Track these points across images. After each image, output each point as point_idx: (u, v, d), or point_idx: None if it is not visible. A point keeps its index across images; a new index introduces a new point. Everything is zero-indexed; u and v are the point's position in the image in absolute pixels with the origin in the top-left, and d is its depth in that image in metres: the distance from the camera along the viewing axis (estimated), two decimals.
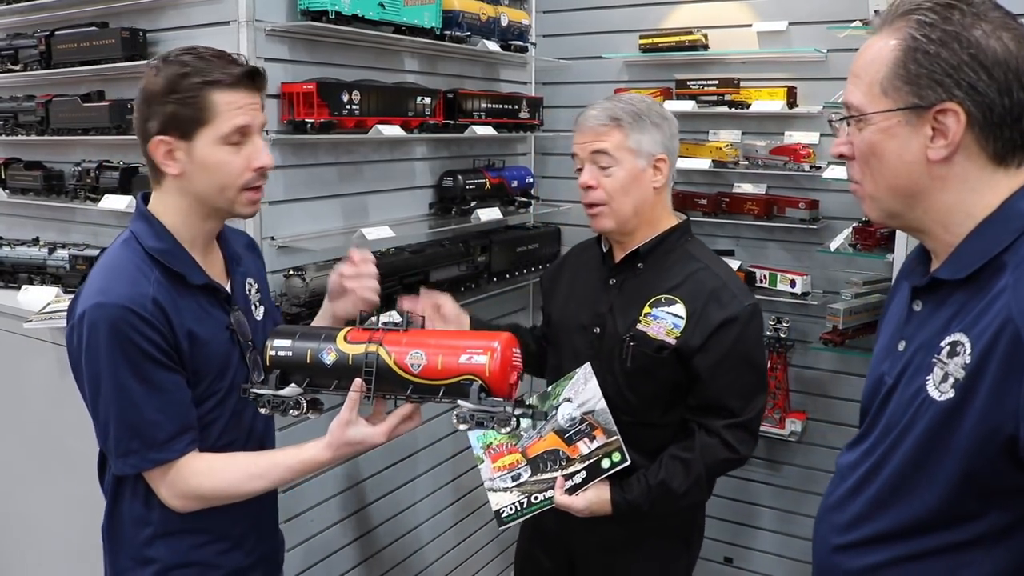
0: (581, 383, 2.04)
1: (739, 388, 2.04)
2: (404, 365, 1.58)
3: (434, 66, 3.03)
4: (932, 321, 1.30)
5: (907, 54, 1.22)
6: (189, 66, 1.57)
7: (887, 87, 1.24)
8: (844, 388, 3.28)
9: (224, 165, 1.61)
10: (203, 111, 1.57)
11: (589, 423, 2.01)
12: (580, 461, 2.01)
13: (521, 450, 2.09)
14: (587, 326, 2.15)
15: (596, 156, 2.06)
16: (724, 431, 2.02)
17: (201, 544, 1.72)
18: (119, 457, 1.59)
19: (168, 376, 1.59)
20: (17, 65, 2.84)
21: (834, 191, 3.18)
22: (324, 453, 1.64)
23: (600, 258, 2.22)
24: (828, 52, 3.13)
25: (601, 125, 2.06)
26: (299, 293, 2.35)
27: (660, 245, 2.12)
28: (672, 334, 2.03)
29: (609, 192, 2.06)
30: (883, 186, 1.30)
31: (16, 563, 2.87)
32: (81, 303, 1.58)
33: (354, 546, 2.86)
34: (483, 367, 1.55)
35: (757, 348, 2.10)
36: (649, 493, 2.01)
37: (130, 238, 1.65)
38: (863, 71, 1.28)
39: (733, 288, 2.07)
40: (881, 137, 1.27)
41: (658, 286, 2.08)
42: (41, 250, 2.75)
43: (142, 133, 1.61)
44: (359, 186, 2.75)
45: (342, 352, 1.62)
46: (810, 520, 3.28)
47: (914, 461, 1.27)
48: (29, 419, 2.62)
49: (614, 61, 3.59)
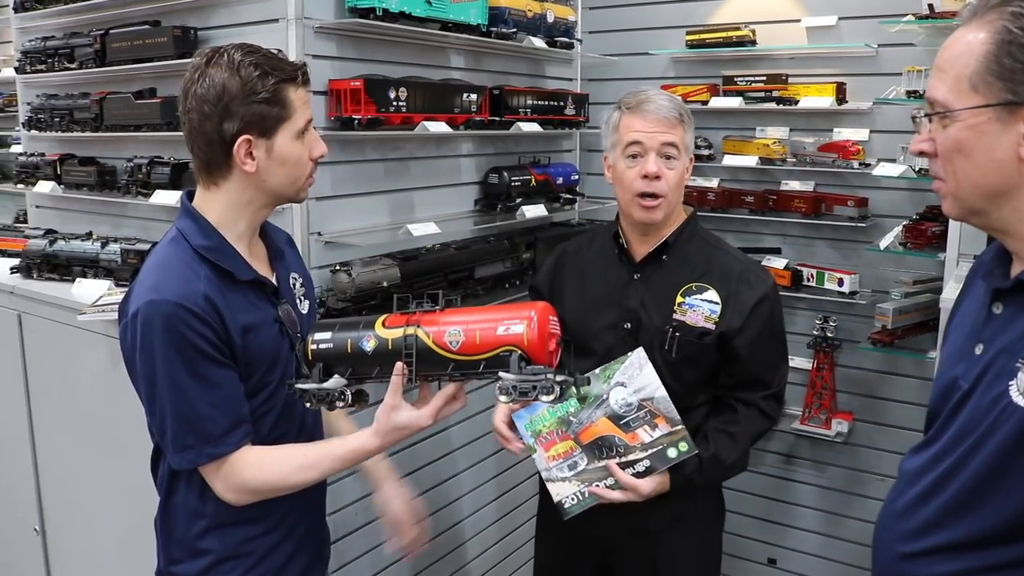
0: (635, 368, 2.01)
1: (770, 361, 2.14)
2: (443, 343, 1.57)
3: (480, 63, 3.03)
4: (1016, 324, 1.25)
5: (1001, 48, 1.17)
6: (262, 66, 1.59)
7: (977, 82, 1.19)
8: (893, 389, 3.23)
9: (299, 158, 1.67)
10: (285, 108, 1.62)
11: (649, 411, 1.99)
12: (642, 449, 2.00)
13: (573, 437, 2.06)
14: (616, 323, 2.14)
15: (666, 148, 2.06)
16: (761, 402, 2.11)
17: (254, 536, 1.74)
18: (176, 452, 1.60)
19: (221, 371, 1.60)
20: (73, 63, 2.90)
21: (883, 188, 3.13)
22: (372, 441, 1.64)
23: (616, 255, 2.21)
24: (879, 47, 3.08)
25: (674, 117, 2.06)
26: (345, 288, 2.37)
27: (680, 236, 2.15)
28: (711, 320, 2.07)
29: (670, 185, 2.07)
30: (969, 184, 1.25)
31: (70, 552, 2.93)
32: (134, 301, 1.59)
33: None
34: (521, 336, 1.54)
35: (782, 322, 2.20)
36: (701, 466, 2.04)
37: (178, 236, 1.66)
38: (949, 65, 1.23)
39: (754, 268, 2.16)
40: (969, 134, 1.22)
41: (685, 275, 2.11)
42: (94, 244, 2.80)
43: (213, 135, 1.60)
44: (405, 182, 2.77)
45: (381, 338, 1.62)
46: (856, 522, 3.32)
47: (994, 468, 1.23)
48: (83, 410, 2.67)
49: (660, 57, 3.56)
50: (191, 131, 1.63)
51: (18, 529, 3.04)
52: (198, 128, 1.61)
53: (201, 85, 1.59)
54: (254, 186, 1.65)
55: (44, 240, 2.89)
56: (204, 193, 1.69)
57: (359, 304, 2.42)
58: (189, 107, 1.61)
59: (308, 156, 1.69)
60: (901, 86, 2.91)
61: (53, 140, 3.18)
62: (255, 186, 1.65)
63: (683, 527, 2.19)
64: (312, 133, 1.70)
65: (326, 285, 2.43)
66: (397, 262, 2.53)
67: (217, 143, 1.60)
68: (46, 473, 2.92)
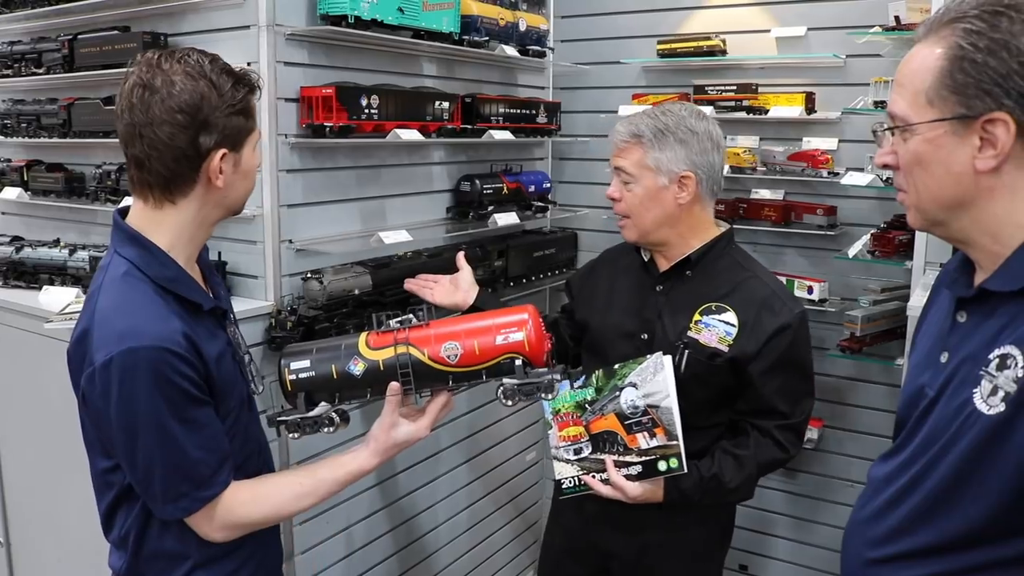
0: (650, 372, 2.02)
1: (790, 392, 2.09)
2: (440, 358, 1.58)
3: (452, 71, 3.04)
4: (979, 333, 1.26)
5: (953, 63, 1.19)
6: (233, 74, 1.52)
7: (933, 97, 1.22)
8: (861, 396, 3.26)
9: (254, 169, 1.62)
10: (251, 119, 1.57)
11: (652, 418, 2.01)
12: (637, 454, 2.03)
13: (585, 424, 2.10)
14: (634, 333, 2.16)
15: (618, 173, 2.12)
16: (776, 431, 2.08)
17: (238, 567, 1.69)
18: (169, 502, 1.52)
19: (203, 411, 1.53)
20: (40, 68, 2.87)
21: (852, 197, 3.17)
22: (371, 460, 1.63)
23: (641, 265, 2.23)
24: (847, 58, 3.12)
25: (623, 141, 2.09)
26: (317, 296, 2.36)
27: (708, 253, 2.14)
28: (724, 342, 2.05)
29: (629, 206, 2.10)
30: (928, 196, 1.28)
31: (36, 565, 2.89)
32: (101, 348, 1.45)
33: (373, 546, 2.88)
34: (522, 343, 1.59)
35: (807, 353, 2.15)
36: (701, 484, 2.04)
37: (131, 269, 1.52)
38: (908, 80, 1.26)
39: (782, 295, 2.11)
40: (927, 147, 1.24)
41: (707, 294, 2.10)
42: (62, 251, 2.77)
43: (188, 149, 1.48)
44: (377, 190, 2.76)
45: (370, 360, 1.61)
46: (826, 528, 3.35)
47: (959, 475, 1.24)
48: (49, 420, 2.63)
49: (632, 66, 3.58)
50: (154, 146, 1.47)
51: None
52: (167, 141, 1.46)
53: (167, 93, 1.45)
54: (214, 202, 1.57)
55: (10, 247, 2.86)
56: (152, 213, 1.55)
57: (330, 312, 2.41)
58: (151, 119, 1.46)
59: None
60: (868, 96, 2.95)
61: (19, 146, 3.14)
62: (215, 202, 1.57)
63: (685, 548, 2.20)
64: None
65: (297, 293, 2.42)
66: (369, 270, 2.53)
67: (186, 158, 1.48)
68: (11, 484, 2.88)
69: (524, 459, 3.67)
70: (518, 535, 3.69)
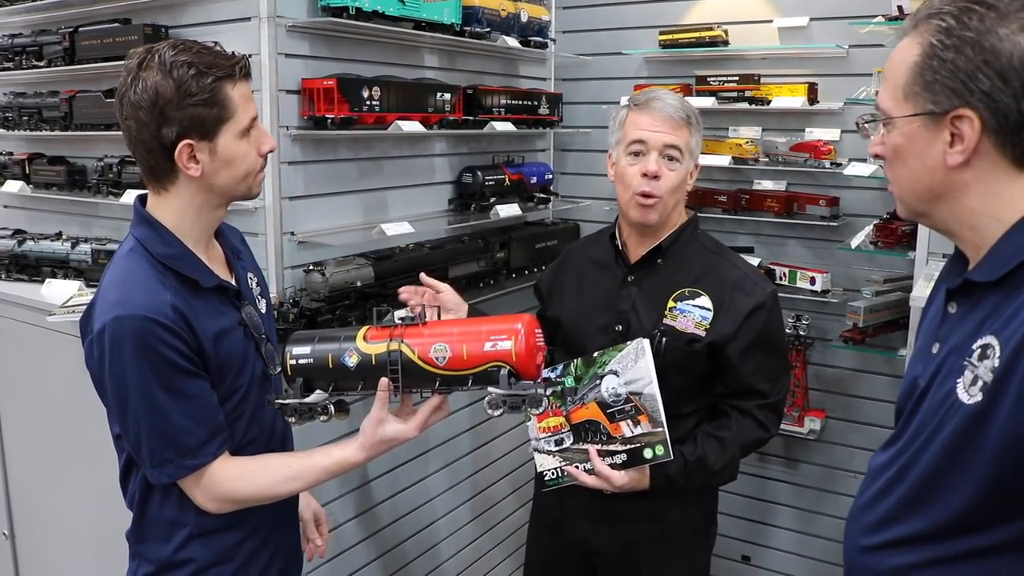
0: (631, 359, 2.00)
1: (768, 371, 2.10)
2: (429, 359, 1.57)
3: (454, 62, 3.03)
4: (965, 324, 1.28)
5: (924, 60, 1.22)
6: (196, 65, 1.53)
7: (908, 92, 1.25)
8: (864, 386, 3.26)
9: (245, 157, 1.62)
10: (225, 108, 1.56)
11: (635, 405, 1.99)
12: (622, 443, 2.01)
13: (565, 414, 2.09)
14: (607, 325, 2.14)
15: (668, 149, 2.04)
16: (756, 411, 2.09)
17: (237, 542, 1.73)
18: (155, 467, 1.58)
19: (194, 382, 1.57)
20: (41, 61, 2.87)
21: (855, 188, 3.16)
22: (358, 454, 1.64)
23: (612, 256, 2.20)
24: (850, 48, 3.11)
25: (681, 119, 2.04)
26: (319, 288, 2.36)
27: (677, 240, 2.13)
28: (701, 327, 2.05)
29: (668, 185, 2.04)
30: (907, 188, 1.32)
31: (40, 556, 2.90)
32: (98, 317, 1.54)
33: (370, 541, 2.88)
34: (509, 352, 1.54)
35: (781, 331, 2.17)
36: (686, 468, 2.03)
37: (136, 246, 1.61)
38: (890, 74, 1.28)
39: (753, 276, 2.12)
40: (904, 141, 1.27)
41: (679, 280, 2.10)
42: (64, 244, 2.78)
43: (153, 141, 1.54)
44: (379, 182, 2.76)
45: (364, 353, 1.61)
46: (829, 519, 3.35)
47: (941, 464, 1.26)
48: (53, 413, 2.64)
49: (634, 57, 3.57)
50: (130, 139, 1.57)
51: None
52: (136, 136, 1.55)
53: (134, 91, 1.53)
54: (204, 188, 1.61)
55: (12, 240, 2.86)
56: (155, 199, 1.64)
57: (333, 304, 2.41)
58: (125, 115, 1.55)
59: (256, 152, 1.64)
60: (871, 87, 2.94)
61: (21, 139, 3.14)
62: (204, 188, 1.61)
63: (668, 538, 2.18)
64: (259, 129, 1.66)
65: (299, 285, 2.42)
66: (371, 262, 2.53)
67: (158, 150, 1.55)
68: (15, 476, 2.89)
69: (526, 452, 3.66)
70: (514, 531, 3.68)
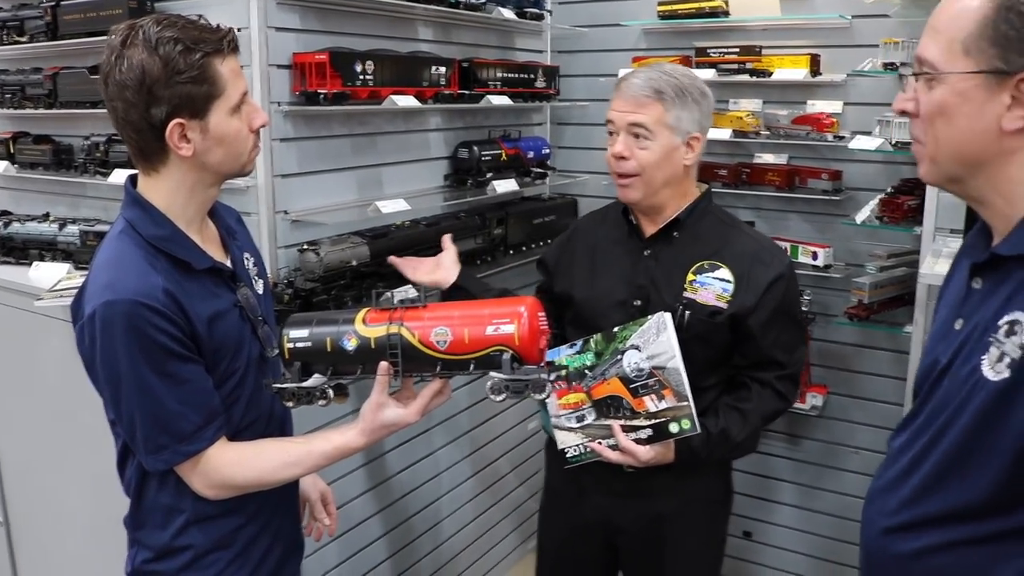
0: (652, 333, 1.97)
1: (787, 342, 2.11)
2: (429, 343, 1.54)
3: (448, 35, 2.96)
4: (991, 299, 1.24)
5: (999, 13, 1.14)
6: (183, 41, 1.48)
7: (970, 46, 1.16)
8: (867, 362, 3.22)
9: (238, 133, 1.58)
10: (215, 85, 1.51)
11: (659, 380, 1.97)
12: (646, 417, 1.99)
13: (586, 390, 2.06)
14: (625, 301, 2.12)
15: (633, 128, 2.03)
16: (776, 382, 2.10)
17: (235, 528, 1.71)
18: (150, 454, 1.56)
19: (187, 367, 1.54)
20: (23, 37, 2.79)
21: (857, 161, 3.11)
22: (358, 439, 1.62)
23: (626, 231, 2.18)
24: (853, 18, 3.04)
25: (644, 96, 2.01)
26: (313, 268, 2.31)
27: (692, 213, 2.13)
28: (723, 299, 2.05)
29: (642, 165, 2.03)
30: (947, 150, 1.24)
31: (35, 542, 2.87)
32: (88, 301, 1.51)
33: (377, 517, 2.86)
34: (512, 336, 1.51)
35: (798, 302, 2.21)
36: (709, 441, 2.03)
37: (127, 228, 1.57)
38: (944, 26, 1.20)
39: (769, 247, 2.14)
40: (954, 99, 1.19)
41: (697, 253, 2.09)
42: (51, 226, 2.72)
43: (142, 122, 1.50)
44: (373, 158, 2.70)
45: (363, 336, 1.57)
46: (831, 495, 3.34)
47: (965, 443, 1.22)
48: (44, 398, 2.60)
49: (632, 29, 3.50)
50: (117, 120, 1.53)
51: None
52: (124, 117, 1.51)
53: (119, 70, 1.48)
54: (196, 168, 1.57)
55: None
56: (146, 179, 1.60)
57: (328, 284, 2.36)
58: (111, 95, 1.50)
59: (248, 128, 1.60)
60: (878, 58, 2.87)
61: (5, 118, 3.07)
62: (197, 168, 1.57)
63: (691, 511, 2.19)
64: (249, 104, 1.61)
65: (293, 265, 2.37)
66: (366, 240, 2.47)
67: (147, 130, 1.50)
68: (8, 463, 2.85)
69: (526, 428, 3.65)
70: (520, 504, 3.68)
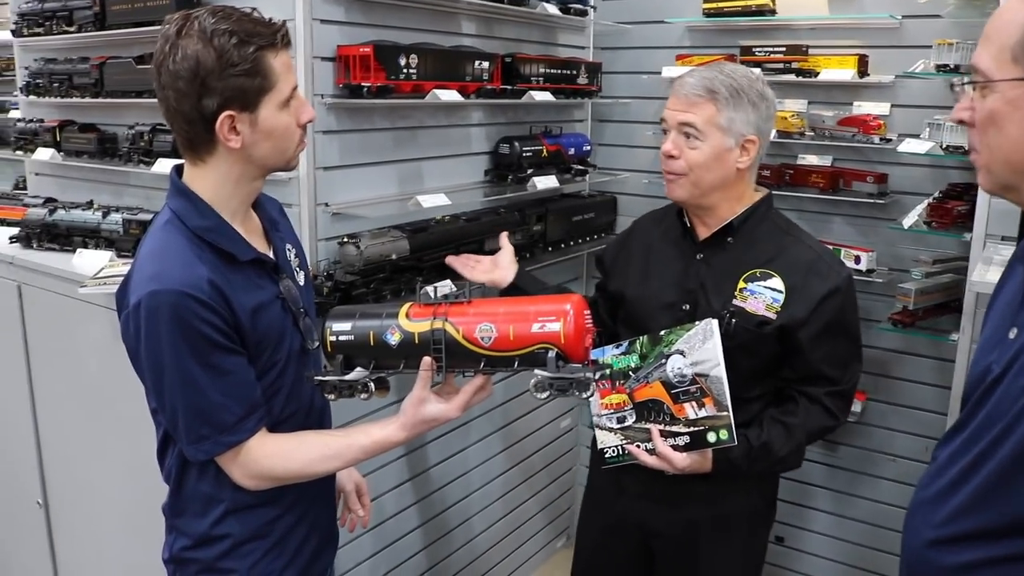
0: (699, 339, 1.95)
1: (839, 358, 2.04)
2: (474, 339, 1.53)
3: (491, 29, 2.95)
4: None
5: None
6: (238, 33, 1.49)
7: (1019, 53, 1.14)
8: (908, 369, 3.16)
9: (287, 128, 1.59)
10: (267, 78, 1.52)
11: (701, 387, 1.94)
12: (685, 424, 1.97)
13: (628, 392, 2.05)
14: (674, 303, 2.10)
15: (684, 127, 2.00)
16: (825, 398, 2.04)
17: (273, 518, 1.72)
18: (191, 443, 1.57)
19: (231, 358, 1.55)
20: (72, 27, 2.82)
21: (904, 164, 3.04)
22: (399, 434, 1.62)
23: (680, 233, 2.16)
24: (903, 18, 2.98)
25: (696, 95, 1.98)
26: (353, 261, 2.31)
27: (749, 219, 2.08)
28: (772, 309, 2.00)
29: (690, 164, 2.00)
30: (1000, 158, 1.21)
31: (72, 525, 2.90)
32: (134, 291, 1.52)
33: (411, 510, 2.88)
34: (558, 334, 1.49)
35: (855, 317, 2.10)
36: (750, 454, 2.00)
37: (173, 218, 1.59)
38: (995, 33, 1.18)
39: (828, 259, 2.07)
40: (1005, 107, 1.17)
41: (750, 260, 2.04)
42: (95, 213, 2.74)
43: (193, 112, 1.50)
44: (415, 152, 2.69)
45: (407, 331, 1.57)
46: (866, 502, 3.29)
47: (1020, 455, 1.19)
48: (85, 384, 2.62)
49: (676, 26, 3.46)
50: (168, 110, 1.54)
51: (20, 502, 3.01)
52: (176, 107, 1.51)
53: (173, 60, 1.48)
54: (243, 160, 1.58)
55: (44, 209, 2.83)
56: (192, 169, 1.61)
57: (367, 277, 2.36)
58: (164, 84, 1.51)
59: (296, 123, 1.60)
60: (931, 60, 2.81)
61: (52, 106, 3.11)
62: (243, 160, 1.58)
63: (728, 522, 2.15)
64: (298, 98, 1.61)
65: (333, 257, 2.37)
66: (406, 234, 2.47)
67: (198, 121, 1.51)
68: (48, 446, 2.88)
69: (558, 426, 3.63)
70: (552, 501, 3.67)
